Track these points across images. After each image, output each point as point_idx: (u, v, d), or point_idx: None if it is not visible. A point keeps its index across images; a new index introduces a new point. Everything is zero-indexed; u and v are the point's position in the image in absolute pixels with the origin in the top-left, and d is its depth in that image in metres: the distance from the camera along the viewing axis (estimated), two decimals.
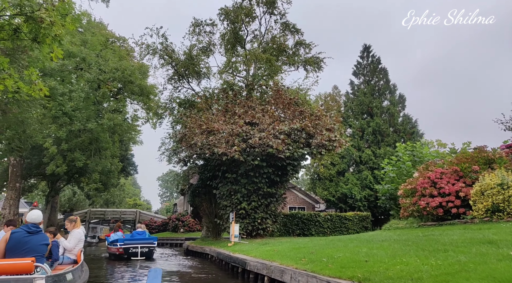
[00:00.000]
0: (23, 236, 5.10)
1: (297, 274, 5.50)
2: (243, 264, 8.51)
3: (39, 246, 5.17)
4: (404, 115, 31.63)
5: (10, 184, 19.01)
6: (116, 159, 25.37)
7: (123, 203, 51.54)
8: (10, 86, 11.18)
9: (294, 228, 20.42)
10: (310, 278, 5.05)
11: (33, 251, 5.04)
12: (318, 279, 4.82)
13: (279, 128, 13.99)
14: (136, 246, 13.54)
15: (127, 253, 13.50)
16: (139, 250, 13.48)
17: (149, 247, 13.85)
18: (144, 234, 14.62)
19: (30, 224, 5.29)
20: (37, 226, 5.33)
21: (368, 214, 22.39)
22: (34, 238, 5.17)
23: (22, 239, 5.08)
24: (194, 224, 29.34)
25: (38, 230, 5.29)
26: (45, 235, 5.49)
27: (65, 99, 20.05)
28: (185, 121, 16.28)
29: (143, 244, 13.72)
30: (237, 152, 13.77)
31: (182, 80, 20.06)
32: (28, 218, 5.42)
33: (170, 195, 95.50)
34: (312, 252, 7.43)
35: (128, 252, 13.47)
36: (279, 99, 15.88)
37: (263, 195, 15.40)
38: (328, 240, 10.00)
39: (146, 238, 14.33)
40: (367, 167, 29.93)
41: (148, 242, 14.00)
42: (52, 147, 19.05)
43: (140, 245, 13.59)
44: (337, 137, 15.33)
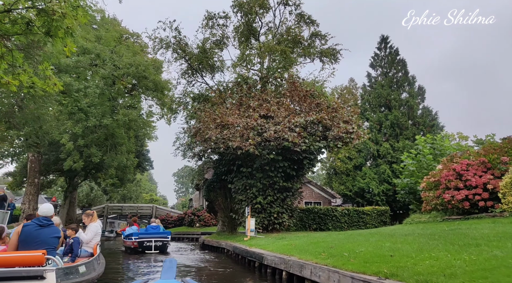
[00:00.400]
0: (34, 229, 5.13)
1: (317, 269, 5.22)
2: (260, 258, 8.28)
3: (50, 239, 5.18)
4: (424, 107, 30.80)
5: (29, 180, 19.26)
6: (132, 155, 25.48)
7: (139, 198, 52.05)
8: (25, 82, 11.17)
9: (311, 223, 20.10)
10: (332, 273, 4.76)
11: (45, 244, 5.06)
12: (341, 275, 4.53)
13: (295, 121, 13.66)
14: (150, 240, 13.75)
15: (142, 247, 13.71)
16: (153, 244, 13.69)
17: (162, 241, 14.03)
18: (158, 229, 14.77)
19: (41, 217, 5.31)
20: (48, 219, 5.34)
21: (387, 208, 21.87)
22: (45, 231, 5.19)
23: (33, 232, 5.10)
24: (210, 219, 29.31)
25: (49, 223, 5.30)
26: (56, 228, 5.48)
27: (80, 95, 20.16)
28: (199, 116, 16.10)
29: (157, 238, 13.91)
30: (252, 146, 13.52)
31: (196, 74, 19.88)
32: (39, 212, 5.47)
33: (185, 190, 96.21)
34: (331, 247, 7.14)
35: (143, 246, 13.68)
36: (295, 91, 15.53)
37: (279, 189, 15.13)
38: (347, 235, 9.67)
39: (160, 232, 14.49)
40: (385, 161, 29.30)
41: (162, 236, 14.17)
42: (68, 142, 19.19)
43: (154, 239, 13.78)
44: (355, 129, 14.92)
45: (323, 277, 5.01)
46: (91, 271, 5.81)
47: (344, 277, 4.41)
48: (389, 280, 3.85)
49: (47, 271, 4.34)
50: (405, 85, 31.69)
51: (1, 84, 10.91)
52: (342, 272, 4.54)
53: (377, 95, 31.25)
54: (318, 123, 14.63)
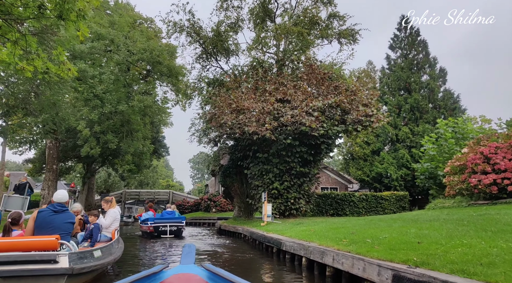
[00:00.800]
0: (48, 215, 5.30)
1: (340, 256, 4.98)
2: (278, 244, 8.10)
3: (64, 224, 5.34)
4: (445, 90, 29.84)
5: (48, 166, 19.51)
6: (148, 141, 25.53)
7: (156, 184, 52.69)
8: (39, 67, 11.11)
9: (328, 208, 19.86)
10: (356, 261, 4.52)
11: (58, 229, 5.21)
12: (366, 262, 4.28)
13: (313, 105, 13.29)
14: (165, 224, 14.03)
15: (157, 231, 14.00)
16: (168, 229, 13.97)
17: (177, 225, 14.27)
18: (173, 214, 15.03)
19: (56, 204, 5.48)
20: (63, 205, 5.49)
21: (406, 193, 21.43)
22: (60, 217, 5.34)
23: (47, 217, 5.27)
24: (226, 204, 29.41)
25: (63, 209, 5.45)
26: (70, 214, 5.61)
27: (95, 81, 20.12)
28: (214, 101, 15.86)
29: (172, 223, 14.17)
30: (269, 131, 13.24)
31: (210, 58, 19.57)
32: (54, 198, 5.66)
33: (201, 176, 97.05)
34: (352, 233, 6.88)
35: (158, 230, 13.98)
36: (312, 74, 15.10)
37: (296, 175, 14.88)
38: (367, 220, 9.39)
39: (175, 217, 14.75)
40: (404, 145, 28.67)
41: (177, 221, 14.41)
42: (85, 129, 19.28)
43: (169, 224, 14.06)
44: (374, 112, 14.48)
45: (346, 265, 4.78)
46: (107, 256, 5.88)
47: (370, 265, 4.16)
48: (420, 269, 3.58)
49: (60, 255, 4.44)
50: (426, 67, 30.70)
51: (16, 70, 10.89)
52: (368, 260, 4.29)
53: (396, 78, 30.38)
54: (337, 107, 14.23)
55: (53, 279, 4.41)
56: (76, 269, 4.55)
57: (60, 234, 5.04)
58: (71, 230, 5.52)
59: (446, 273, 3.35)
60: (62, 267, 4.42)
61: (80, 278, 4.92)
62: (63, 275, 4.43)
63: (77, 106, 20.22)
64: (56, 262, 4.41)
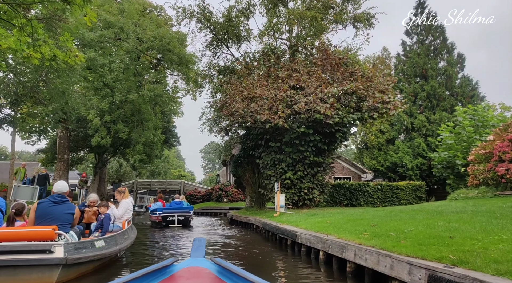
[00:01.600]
0: (48, 206, 5.35)
1: (363, 251, 4.58)
2: (293, 236, 7.74)
3: (63, 215, 5.37)
4: (463, 77, 28.81)
5: (59, 156, 19.44)
6: (159, 131, 25.33)
7: (168, 174, 52.81)
8: (46, 54, 10.85)
9: (341, 198, 19.42)
10: (382, 257, 4.11)
11: (57, 220, 5.24)
12: (395, 259, 3.87)
13: (328, 91, 12.76)
14: (173, 214, 14.36)
15: (165, 221, 14.32)
16: (176, 218, 14.31)
17: (185, 215, 14.54)
18: (181, 204, 15.27)
19: (55, 195, 5.52)
20: (63, 196, 5.53)
21: (422, 183, 20.83)
22: (59, 208, 5.38)
23: (47, 208, 5.32)
24: (237, 194, 29.18)
25: (63, 200, 5.48)
26: (70, 205, 5.61)
27: (105, 70, 19.90)
28: (225, 89, 15.44)
29: (179, 212, 14.48)
30: (281, 119, 12.80)
31: (221, 45, 19.07)
32: (54, 189, 5.66)
33: (212, 166, 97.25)
34: (373, 225, 6.47)
35: (166, 220, 14.30)
36: (327, 60, 14.53)
37: (309, 164, 14.45)
38: (386, 211, 8.95)
39: (182, 207, 14.99)
40: (419, 134, 27.90)
41: (184, 211, 14.67)
42: (95, 118, 19.11)
43: (176, 214, 14.39)
44: (391, 98, 13.90)
45: (370, 261, 4.38)
46: (112, 246, 5.90)
47: (400, 263, 3.75)
48: (459, 268, 3.16)
49: (56, 246, 4.50)
50: (443, 53, 29.68)
51: (23, 57, 10.62)
52: (396, 257, 3.88)
53: (412, 65, 29.46)
54: (352, 94, 13.69)
55: (48, 269, 4.44)
56: (71, 259, 4.55)
57: (58, 225, 5.07)
58: (70, 221, 5.53)
59: (492, 275, 2.93)
60: (56, 257, 4.44)
61: (78, 268, 4.92)
62: (57, 265, 4.45)
63: (87, 95, 20.07)
64: (51, 252, 4.44)
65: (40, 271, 4.41)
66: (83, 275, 5.18)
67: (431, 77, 28.52)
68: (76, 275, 4.99)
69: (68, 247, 4.65)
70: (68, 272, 4.71)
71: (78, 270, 4.98)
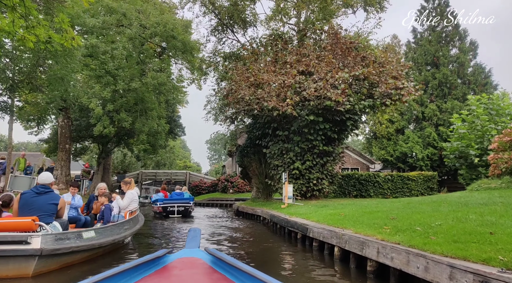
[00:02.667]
0: (30, 197, 5.31)
1: (388, 249, 4.00)
2: (303, 230, 7.19)
3: (45, 205, 5.31)
4: (476, 64, 27.84)
5: (60, 145, 18.99)
6: (163, 120, 24.78)
7: (173, 165, 52.45)
8: (41, 36, 10.32)
9: (351, 189, 18.83)
10: (413, 257, 3.53)
11: (39, 210, 5.19)
12: (430, 260, 3.29)
13: (339, 76, 12.08)
14: (173, 205, 14.92)
15: (165, 211, 14.90)
16: (175, 209, 14.88)
17: (184, 206, 15.06)
18: (181, 195, 15.78)
19: (39, 185, 5.48)
20: (46, 186, 5.49)
21: (434, 173, 20.14)
22: (41, 198, 5.33)
23: (29, 199, 5.28)
24: (243, 185, 28.71)
25: (46, 190, 5.44)
26: (54, 195, 5.53)
27: (107, 57, 19.31)
28: (231, 75, 14.80)
29: (179, 203, 15.03)
30: (290, 106, 12.17)
31: (226, 30, 18.38)
32: (38, 180, 5.65)
33: (218, 157, 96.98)
34: (393, 218, 5.89)
35: (166, 210, 14.86)
36: (337, 44, 13.82)
37: (319, 154, 13.85)
38: (403, 203, 8.35)
39: (182, 198, 15.51)
40: (430, 123, 27.12)
41: (184, 202, 15.20)
42: (97, 107, 18.59)
43: (176, 205, 14.94)
44: (405, 84, 13.21)
45: (398, 261, 3.80)
46: (104, 237, 5.84)
47: (437, 265, 3.17)
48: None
49: (33, 237, 4.46)
50: (455, 40, 28.70)
51: (18, 40, 10.06)
52: (432, 257, 3.30)
53: (423, 52, 28.54)
54: (364, 80, 13.01)
55: (24, 260, 4.42)
56: (47, 250, 4.51)
57: (40, 215, 5.05)
58: (53, 211, 5.45)
59: None
60: (32, 248, 4.41)
61: (60, 258, 4.90)
62: (33, 256, 4.43)
63: (89, 84, 19.55)
64: (27, 243, 4.41)
65: (17, 261, 4.41)
66: (69, 266, 5.14)
67: (443, 65, 27.61)
68: (59, 265, 4.96)
69: (46, 238, 4.60)
70: (47, 262, 4.68)
71: (59, 260, 4.93)
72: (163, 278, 2.27)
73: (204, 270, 2.40)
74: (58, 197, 5.61)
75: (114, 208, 7.53)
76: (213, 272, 2.38)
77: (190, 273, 2.36)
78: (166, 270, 2.40)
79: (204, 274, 2.33)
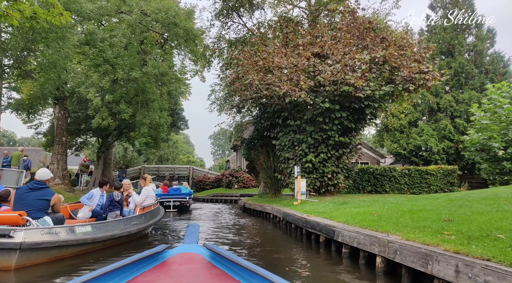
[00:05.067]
0: (23, 192, 5.46)
1: (478, 270, 2.80)
2: (329, 232, 6.01)
3: (35, 201, 5.40)
4: (494, 52, 26.40)
5: (56, 138, 17.85)
6: (165, 112, 23.61)
7: (176, 160, 51.33)
8: (25, 12, 9.21)
9: (365, 184, 17.62)
10: None
11: (29, 206, 5.32)
12: None
13: (359, 58, 10.84)
14: (169, 200, 15.47)
15: (162, 206, 15.29)
16: (171, 204, 15.41)
17: (180, 201, 15.57)
18: (178, 190, 16.30)
19: (34, 181, 5.64)
20: (41, 182, 5.61)
21: (455, 167, 18.85)
22: (33, 194, 5.45)
23: (21, 194, 5.43)
24: (249, 180, 27.57)
25: (40, 186, 5.56)
26: (47, 191, 5.62)
27: (105, 45, 18.14)
28: (237, 59, 13.57)
29: (175, 198, 15.59)
30: (304, 91, 10.95)
31: (232, 14, 17.12)
32: (36, 175, 5.76)
33: (222, 152, 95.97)
34: (448, 220, 4.69)
35: (163, 205, 14.77)
36: (354, 24, 12.55)
37: (334, 145, 12.64)
38: (445, 199, 7.13)
39: (179, 193, 16.02)
40: (446, 114, 25.77)
41: (180, 197, 15.69)
42: (96, 98, 17.45)
43: (172, 199, 15.50)
44: (430, 68, 11.98)
45: None
46: (101, 232, 5.91)
47: None
48: None
49: (16, 231, 4.62)
50: (472, 28, 27.24)
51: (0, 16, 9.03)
52: None
53: (438, 41, 27.11)
54: (384, 64, 11.77)
55: (6, 253, 4.55)
56: (26, 243, 4.61)
57: (29, 210, 5.23)
58: (44, 207, 5.53)
59: None
60: (12, 242, 4.54)
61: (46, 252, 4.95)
62: (14, 249, 4.55)
63: (87, 73, 18.39)
64: (10, 237, 4.55)
65: (0, 254, 4.54)
66: (59, 259, 5.18)
67: (459, 53, 26.22)
68: (47, 259, 5.02)
69: (29, 232, 4.72)
70: (31, 256, 4.76)
71: (46, 254, 4.99)
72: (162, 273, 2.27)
73: (203, 265, 2.41)
74: (51, 193, 5.69)
75: (130, 203, 7.91)
76: (212, 267, 2.38)
77: (189, 268, 2.36)
78: (165, 265, 2.41)
79: (203, 269, 2.33)
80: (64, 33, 12.86)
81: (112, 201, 7.15)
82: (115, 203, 7.18)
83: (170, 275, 2.19)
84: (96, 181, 21.79)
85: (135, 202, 7.83)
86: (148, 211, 7.92)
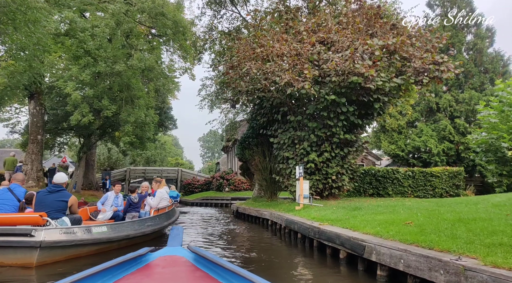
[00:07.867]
0: (43, 195, 5.87)
1: None
2: (356, 248, 4.71)
3: (54, 202, 5.76)
4: (494, 51, 25.64)
5: (31, 137, 16.23)
6: (152, 110, 22.11)
7: (165, 162, 49.60)
8: None
9: (366, 187, 16.43)
10: None
11: (48, 207, 5.67)
12: None
13: (370, 44, 9.63)
14: None
15: None
16: None
17: None
18: None
19: (52, 185, 6.06)
20: (59, 186, 5.98)
21: (460, 169, 17.81)
22: (51, 196, 5.82)
23: (41, 197, 5.84)
24: (241, 183, 26.21)
25: (57, 189, 5.93)
26: (64, 193, 5.94)
27: (86, 35, 16.64)
28: (232, 47, 12.25)
29: None
30: (307, 81, 9.69)
31: (225, 2, 15.78)
32: (54, 179, 6.14)
33: (211, 155, 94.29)
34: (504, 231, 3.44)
35: None
36: (361, 9, 11.37)
37: (339, 144, 11.40)
38: (486, 205, 5.90)
39: None
40: (445, 115, 24.85)
41: None
42: (74, 92, 15.92)
43: None
44: (445, 58, 10.89)
45: None
46: (117, 232, 6.12)
47: None
48: None
49: (37, 230, 4.94)
50: (471, 26, 26.44)
51: None
52: None
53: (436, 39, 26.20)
54: (394, 53, 10.60)
55: (28, 251, 4.86)
56: (46, 242, 4.90)
57: (49, 211, 5.54)
58: (62, 208, 5.82)
59: None
60: (33, 240, 4.84)
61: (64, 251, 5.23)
62: (34, 247, 4.85)
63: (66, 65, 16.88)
64: (31, 235, 4.86)
65: (22, 252, 4.86)
66: (77, 258, 5.43)
67: (459, 51, 25.36)
68: (65, 257, 5.29)
69: (49, 231, 5.03)
70: (50, 254, 5.05)
71: (64, 252, 5.27)
72: (145, 276, 2.23)
73: (186, 268, 2.38)
74: (68, 195, 6.01)
75: (146, 206, 8.32)
76: (195, 269, 2.36)
77: (173, 271, 2.33)
78: (148, 268, 2.38)
79: (187, 272, 2.30)
80: (36, 16, 11.34)
81: (131, 204, 7.76)
82: (134, 205, 7.80)
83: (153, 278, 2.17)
84: (78, 184, 20.15)
85: (149, 204, 8.23)
86: (163, 212, 8.25)
